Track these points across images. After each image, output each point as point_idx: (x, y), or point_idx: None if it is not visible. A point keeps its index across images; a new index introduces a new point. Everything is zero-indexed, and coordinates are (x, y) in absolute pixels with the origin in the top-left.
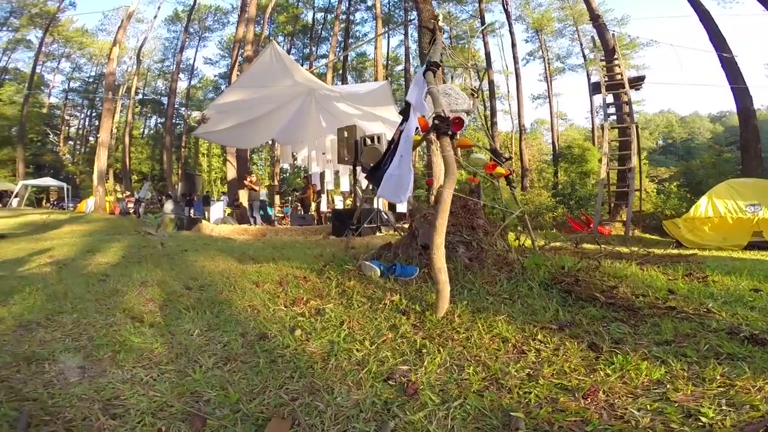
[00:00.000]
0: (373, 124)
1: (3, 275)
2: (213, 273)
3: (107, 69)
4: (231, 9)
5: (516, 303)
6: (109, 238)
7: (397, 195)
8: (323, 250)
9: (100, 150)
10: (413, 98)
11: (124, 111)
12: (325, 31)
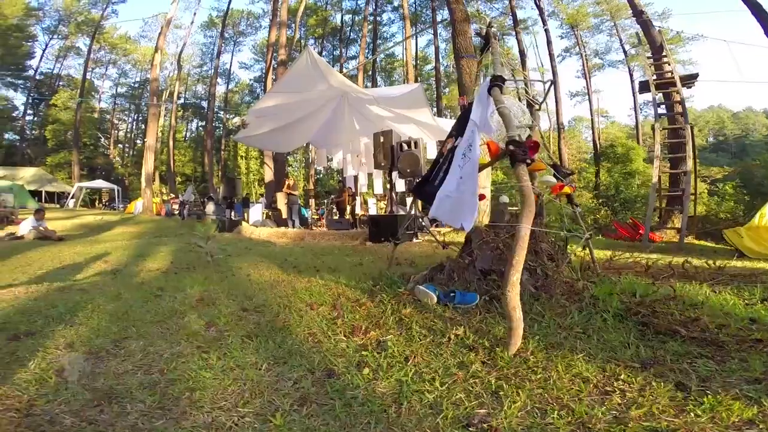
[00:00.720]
0: (406, 127)
1: (64, 286)
2: (264, 288)
3: (151, 75)
4: (262, 13)
5: (591, 338)
6: (157, 241)
7: (455, 219)
8: (362, 258)
9: (147, 154)
10: (477, 116)
11: (167, 115)
12: (353, 32)
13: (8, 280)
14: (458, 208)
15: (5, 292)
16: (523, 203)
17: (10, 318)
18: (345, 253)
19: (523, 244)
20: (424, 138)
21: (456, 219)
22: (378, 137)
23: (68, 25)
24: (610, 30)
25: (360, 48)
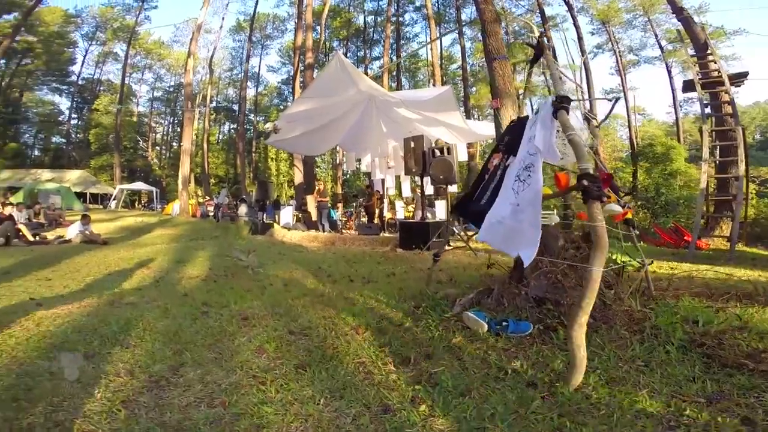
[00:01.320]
0: (435, 129)
1: (113, 298)
2: (306, 306)
3: (185, 80)
4: (287, 16)
5: (655, 371)
6: (194, 244)
7: (510, 248)
8: (395, 267)
9: (183, 157)
10: (540, 141)
11: (201, 119)
12: (376, 33)
13: (60, 287)
14: (515, 238)
15: (61, 310)
16: (596, 244)
17: (68, 337)
18: (376, 260)
19: (595, 286)
20: (454, 140)
21: (511, 248)
22: (408, 143)
23: (105, 32)
24: (644, 25)
25: (384, 49)
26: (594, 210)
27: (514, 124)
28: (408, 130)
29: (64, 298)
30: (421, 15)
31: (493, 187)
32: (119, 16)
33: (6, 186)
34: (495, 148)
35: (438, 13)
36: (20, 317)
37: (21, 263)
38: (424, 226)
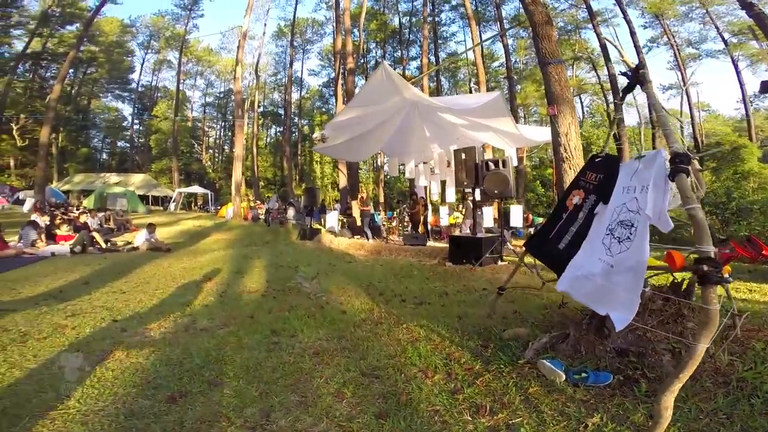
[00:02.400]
0: (483, 134)
1: (183, 315)
2: (369, 338)
3: (234, 88)
4: (325, 20)
5: (735, 424)
6: (249, 252)
7: (598, 306)
8: (446, 285)
9: (236, 164)
10: (649, 207)
11: (250, 123)
12: (412, 34)
13: (134, 302)
14: (605, 298)
15: (145, 338)
16: (707, 324)
17: (158, 371)
18: (425, 275)
19: (697, 361)
20: (503, 145)
21: (600, 307)
22: (459, 154)
23: (159, 40)
24: (702, 17)
25: (422, 51)
26: (710, 295)
27: (600, 160)
28: (453, 134)
29: (142, 318)
30: (458, 14)
31: (574, 231)
32: (170, 25)
33: (79, 189)
34: (575, 184)
35: (476, 11)
36: (110, 344)
37: (97, 272)
38: (476, 241)
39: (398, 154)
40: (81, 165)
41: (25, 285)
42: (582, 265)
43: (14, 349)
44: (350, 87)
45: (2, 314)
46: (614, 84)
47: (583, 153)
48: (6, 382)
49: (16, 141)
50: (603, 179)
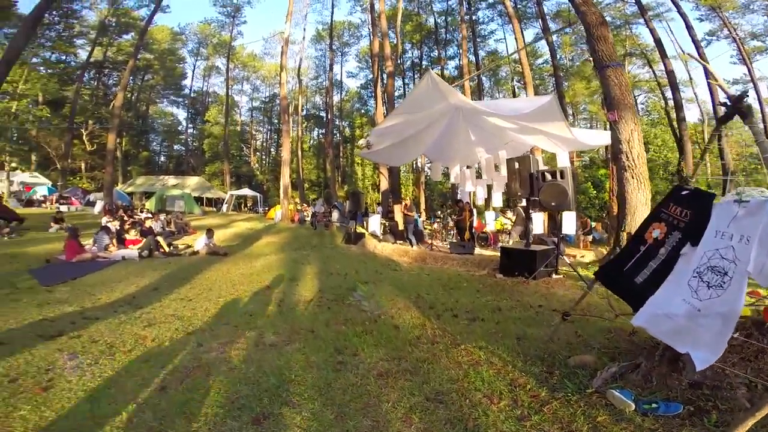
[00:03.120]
0: (533, 138)
1: (248, 327)
2: (428, 360)
3: (280, 93)
4: (361, 23)
5: None
6: (299, 257)
7: (678, 344)
8: (499, 299)
9: (283, 168)
10: (750, 262)
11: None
12: (448, 33)
13: (201, 310)
14: (687, 337)
15: (221, 354)
16: None
17: (239, 391)
18: (475, 287)
19: None
20: (554, 149)
21: (680, 345)
22: (513, 163)
23: (207, 47)
24: (766, 9)
25: (461, 51)
26: None
27: (688, 194)
28: (501, 139)
29: (213, 331)
30: (496, 12)
31: (655, 267)
32: (216, 32)
33: (141, 191)
34: (655, 215)
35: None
36: (190, 360)
37: (164, 278)
38: (530, 254)
39: (441, 158)
40: (142, 168)
41: (102, 290)
42: (663, 304)
43: (105, 363)
44: (390, 90)
45: (89, 322)
46: (672, 80)
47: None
48: (106, 401)
49: (86, 146)
50: (691, 217)
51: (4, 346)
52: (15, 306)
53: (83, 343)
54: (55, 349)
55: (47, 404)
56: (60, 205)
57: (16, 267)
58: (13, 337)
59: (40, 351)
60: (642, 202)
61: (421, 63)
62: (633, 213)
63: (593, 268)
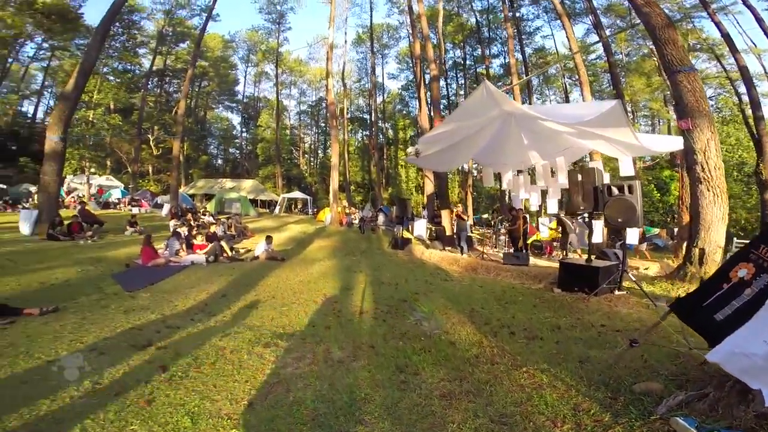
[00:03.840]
0: (592, 143)
1: (314, 339)
2: (490, 382)
3: (327, 99)
4: (399, 24)
5: None
6: (351, 264)
7: (752, 381)
8: (558, 317)
9: (333, 173)
10: None
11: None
12: (491, 32)
13: (267, 319)
14: (764, 378)
15: (296, 369)
16: None
17: (317, 408)
18: (532, 302)
19: None
20: (616, 154)
21: (754, 382)
22: (575, 175)
23: (256, 54)
24: None
25: (508, 50)
26: None
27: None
28: (556, 143)
29: (284, 343)
30: (540, 8)
31: (737, 307)
32: (264, 39)
33: (202, 193)
34: (743, 255)
35: (563, 3)
36: (269, 377)
37: (230, 284)
38: (592, 270)
39: (492, 163)
40: (202, 171)
41: (178, 297)
42: (743, 344)
43: (195, 376)
44: (436, 94)
45: (171, 332)
46: (746, 76)
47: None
48: (204, 416)
49: (152, 150)
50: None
51: (104, 356)
52: (105, 313)
53: (171, 354)
54: (148, 360)
55: (153, 419)
56: (132, 207)
57: (101, 271)
58: (110, 346)
59: (135, 362)
60: (719, 217)
61: (465, 63)
62: (708, 228)
63: (659, 283)
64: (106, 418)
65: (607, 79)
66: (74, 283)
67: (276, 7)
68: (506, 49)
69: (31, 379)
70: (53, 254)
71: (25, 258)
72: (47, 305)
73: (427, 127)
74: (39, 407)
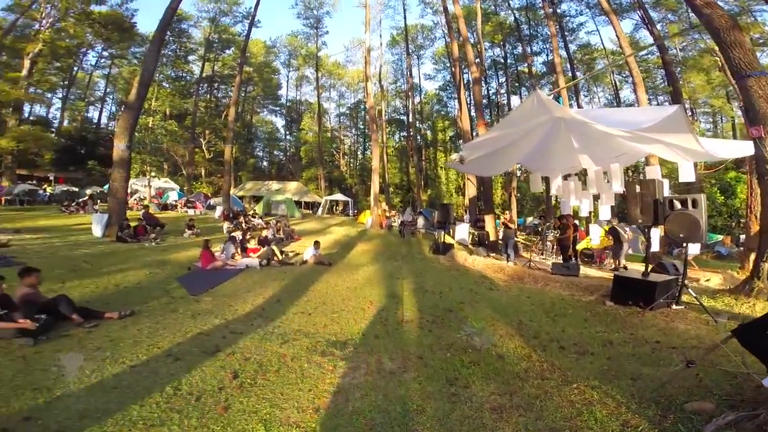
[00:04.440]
0: (649, 147)
1: (365, 349)
2: (540, 397)
3: (367, 103)
4: (433, 25)
5: None
6: (393, 269)
7: None
8: (609, 331)
9: (374, 176)
10: None
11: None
12: (531, 29)
13: (320, 325)
14: None
15: (354, 380)
16: None
17: (374, 418)
18: (582, 316)
19: None
20: (676, 158)
21: None
22: (633, 186)
23: (296, 58)
24: None
25: (554, 49)
26: None
27: None
28: (608, 146)
29: (339, 351)
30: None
31: None
32: (303, 44)
33: (250, 195)
34: None
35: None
36: (328, 386)
37: (284, 289)
38: (648, 285)
39: (539, 167)
40: (250, 173)
41: (237, 301)
42: None
43: (262, 383)
44: (477, 97)
45: (236, 337)
46: None
47: None
48: (276, 424)
49: (204, 153)
50: None
51: (179, 361)
52: (175, 317)
53: (238, 360)
54: (219, 366)
55: (231, 425)
56: (187, 209)
57: (166, 273)
58: (184, 352)
59: (208, 368)
60: None
61: (506, 61)
62: None
63: (722, 297)
64: (190, 424)
65: (661, 75)
66: (145, 286)
67: (313, 12)
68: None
69: (120, 384)
70: (123, 256)
71: (100, 260)
72: (125, 309)
73: (468, 130)
74: (130, 412)
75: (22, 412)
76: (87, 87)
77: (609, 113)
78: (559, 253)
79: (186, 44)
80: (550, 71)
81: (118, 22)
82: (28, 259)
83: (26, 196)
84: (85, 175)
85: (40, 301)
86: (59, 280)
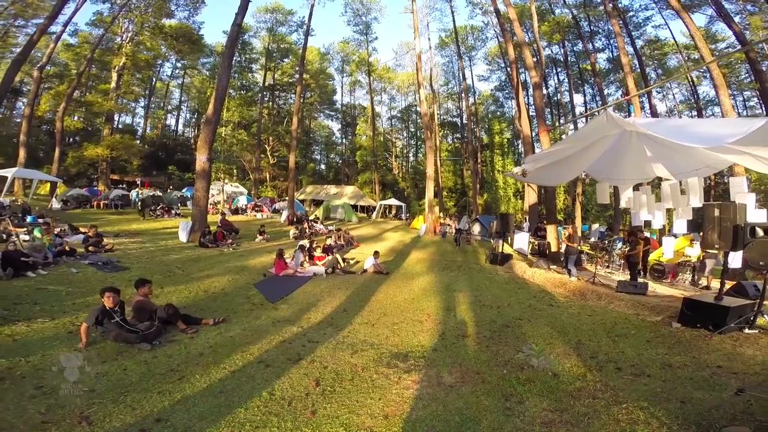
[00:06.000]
0: (734, 157)
1: (424, 361)
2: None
3: (420, 110)
4: (484, 25)
5: None
6: (449, 281)
7: None
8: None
9: (428, 183)
10: None
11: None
12: (591, 25)
13: (383, 336)
14: None
15: (412, 391)
16: None
17: (434, 426)
18: (646, 337)
19: None
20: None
21: None
22: (712, 210)
23: (349, 64)
24: None
25: (619, 47)
26: None
27: None
28: (684, 155)
29: (402, 363)
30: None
31: None
32: (355, 50)
33: (311, 198)
34: None
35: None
36: (395, 396)
37: (349, 299)
38: (720, 310)
39: (608, 177)
40: (310, 177)
41: (309, 310)
42: None
43: (340, 391)
44: (539, 102)
45: (313, 346)
46: None
47: None
48: (355, 429)
49: (269, 159)
50: None
51: (270, 368)
52: (259, 324)
53: (318, 369)
54: (303, 374)
55: (320, 428)
56: (255, 212)
57: (245, 280)
58: (272, 359)
59: (294, 375)
60: None
61: (566, 59)
62: None
63: None
64: (286, 426)
65: (746, 68)
66: (229, 292)
67: (361, 18)
68: (612, 42)
69: (225, 389)
70: (207, 262)
71: (189, 266)
72: (218, 316)
73: (528, 134)
74: (237, 415)
75: (153, 414)
76: (165, 96)
77: (687, 125)
78: (626, 268)
79: (249, 55)
80: (615, 68)
81: (188, 34)
82: (131, 264)
83: (120, 201)
84: (166, 179)
85: (152, 308)
86: (158, 286)
